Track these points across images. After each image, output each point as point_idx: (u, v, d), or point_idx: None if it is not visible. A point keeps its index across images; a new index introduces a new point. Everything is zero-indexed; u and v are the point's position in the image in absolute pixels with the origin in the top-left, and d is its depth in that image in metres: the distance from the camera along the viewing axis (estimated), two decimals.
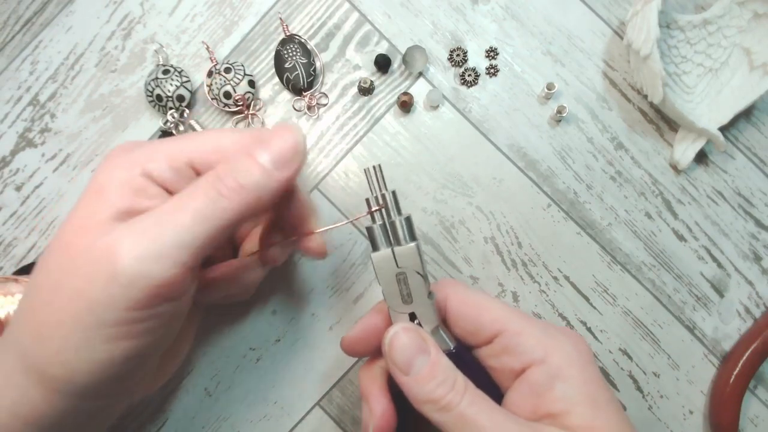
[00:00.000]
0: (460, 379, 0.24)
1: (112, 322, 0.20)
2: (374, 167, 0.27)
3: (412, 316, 0.27)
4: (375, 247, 0.27)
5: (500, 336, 0.26)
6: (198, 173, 0.24)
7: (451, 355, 0.26)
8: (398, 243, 0.26)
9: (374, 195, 0.27)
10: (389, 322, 0.27)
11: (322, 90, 0.39)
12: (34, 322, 0.21)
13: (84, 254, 0.21)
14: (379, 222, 0.27)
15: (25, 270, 0.36)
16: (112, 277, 0.20)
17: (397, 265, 0.26)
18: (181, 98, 0.37)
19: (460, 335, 0.28)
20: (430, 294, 0.27)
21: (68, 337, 0.20)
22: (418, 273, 0.26)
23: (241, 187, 0.22)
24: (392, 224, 0.26)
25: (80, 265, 0.21)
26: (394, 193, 0.27)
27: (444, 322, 0.28)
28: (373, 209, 0.27)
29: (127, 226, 0.21)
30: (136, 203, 0.22)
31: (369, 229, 0.27)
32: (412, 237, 0.27)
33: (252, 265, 0.30)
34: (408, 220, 0.27)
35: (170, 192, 0.23)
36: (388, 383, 0.28)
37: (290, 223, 0.28)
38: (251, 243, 0.31)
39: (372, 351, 0.29)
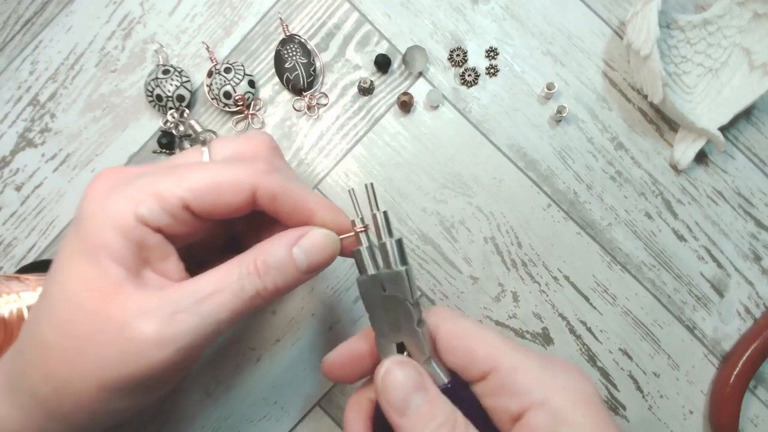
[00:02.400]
0: (461, 420, 0.22)
1: (131, 390, 0.22)
2: (366, 186, 0.25)
3: (401, 347, 0.25)
4: (361, 270, 0.25)
5: (494, 372, 0.23)
6: (193, 213, 0.23)
7: (447, 391, 0.23)
8: (388, 267, 0.24)
9: (359, 216, 0.25)
10: (375, 350, 0.26)
11: (322, 90, 0.39)
12: (54, 379, 0.22)
13: (109, 327, 0.21)
14: (365, 244, 0.25)
15: (27, 269, 0.35)
16: (139, 356, 0.21)
17: (384, 291, 0.24)
18: (181, 98, 0.37)
19: (452, 369, 0.25)
20: (420, 323, 0.24)
21: (91, 397, 0.21)
22: (407, 300, 0.24)
23: (275, 287, 0.23)
24: (383, 246, 0.24)
25: (107, 339, 0.21)
26: (386, 213, 0.25)
27: (435, 352, 0.25)
28: (358, 229, 0.25)
29: (153, 304, 0.21)
30: (140, 257, 0.22)
31: (355, 252, 0.25)
32: (404, 261, 0.24)
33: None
34: (399, 242, 0.24)
35: (162, 233, 0.23)
36: (373, 419, 0.26)
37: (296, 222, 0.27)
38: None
39: (353, 378, 0.27)
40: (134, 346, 0.20)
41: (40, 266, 0.36)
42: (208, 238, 0.27)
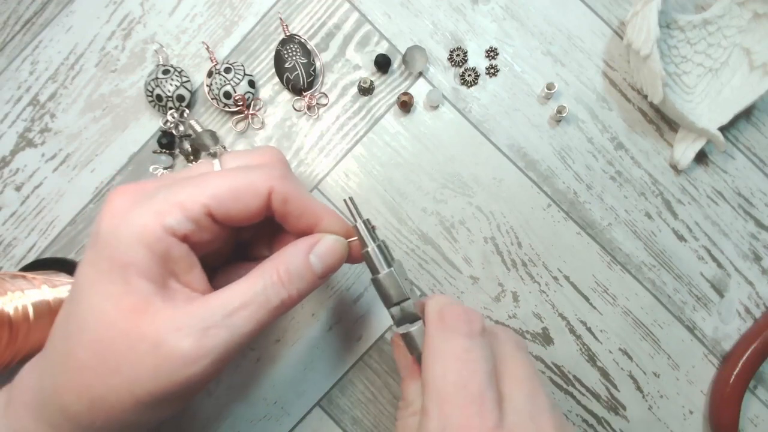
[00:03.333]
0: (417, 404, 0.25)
1: (165, 403, 0.22)
2: (347, 199, 0.27)
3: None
4: (373, 271, 0.27)
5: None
6: (214, 220, 0.24)
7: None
8: (376, 272, 0.26)
9: (362, 220, 0.27)
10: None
11: (322, 90, 0.39)
12: (88, 397, 0.22)
13: (142, 344, 0.21)
14: (369, 248, 0.27)
15: (30, 267, 0.35)
16: (175, 371, 0.21)
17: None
18: (181, 98, 0.37)
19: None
20: (402, 322, 0.26)
21: (125, 411, 0.22)
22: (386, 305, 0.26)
23: (298, 295, 0.24)
24: (366, 254, 0.26)
25: (142, 357, 0.21)
26: (366, 221, 0.26)
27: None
28: (353, 239, 0.27)
29: (185, 320, 0.21)
30: (167, 270, 0.22)
31: (364, 254, 0.27)
32: (387, 264, 0.26)
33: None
34: (379, 249, 0.26)
35: (187, 241, 0.23)
36: None
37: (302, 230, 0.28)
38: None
39: None
40: (170, 362, 0.21)
41: (43, 264, 0.36)
42: (220, 247, 0.27)
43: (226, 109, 0.38)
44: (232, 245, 0.29)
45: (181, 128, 0.38)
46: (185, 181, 0.24)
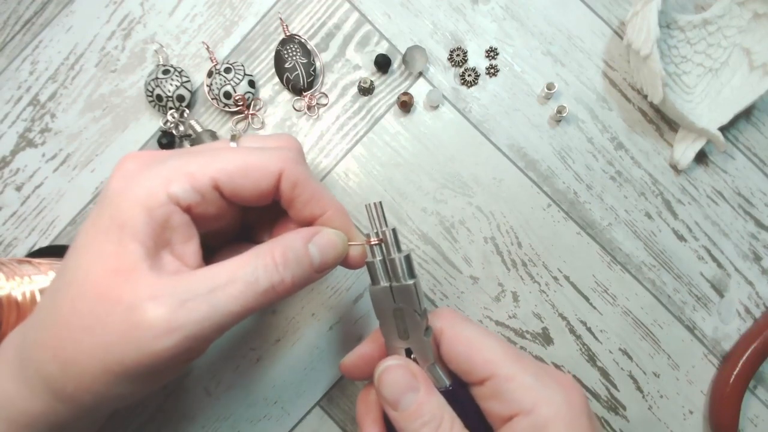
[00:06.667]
0: (447, 419, 0.24)
1: (136, 376, 0.21)
2: (375, 204, 0.26)
3: (408, 351, 0.27)
4: (374, 281, 0.27)
5: (491, 379, 0.25)
6: (221, 193, 0.23)
7: (446, 393, 0.26)
8: (397, 280, 0.26)
9: (374, 230, 0.26)
10: (385, 352, 0.28)
11: (322, 90, 0.39)
12: (61, 356, 0.21)
13: (118, 308, 0.20)
14: (378, 257, 0.26)
15: (38, 254, 0.35)
16: (146, 341, 0.20)
17: (395, 302, 0.26)
18: (181, 98, 0.37)
19: (454, 372, 0.27)
20: (427, 330, 0.26)
21: (96, 379, 0.21)
22: (415, 311, 0.26)
23: (292, 282, 0.23)
24: (392, 261, 0.26)
25: (115, 321, 0.20)
26: (394, 230, 0.26)
27: (439, 356, 0.27)
28: (372, 243, 0.26)
29: (166, 289, 0.21)
30: (162, 238, 0.22)
31: (369, 264, 0.27)
32: (411, 275, 0.26)
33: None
34: (407, 258, 0.26)
35: (190, 213, 0.23)
36: (382, 412, 0.28)
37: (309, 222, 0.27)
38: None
39: (367, 376, 0.29)
40: (140, 330, 0.20)
41: (49, 252, 0.36)
42: (224, 227, 0.27)
43: (226, 109, 0.38)
44: (237, 227, 0.29)
45: (181, 128, 0.38)
46: (198, 153, 0.24)
